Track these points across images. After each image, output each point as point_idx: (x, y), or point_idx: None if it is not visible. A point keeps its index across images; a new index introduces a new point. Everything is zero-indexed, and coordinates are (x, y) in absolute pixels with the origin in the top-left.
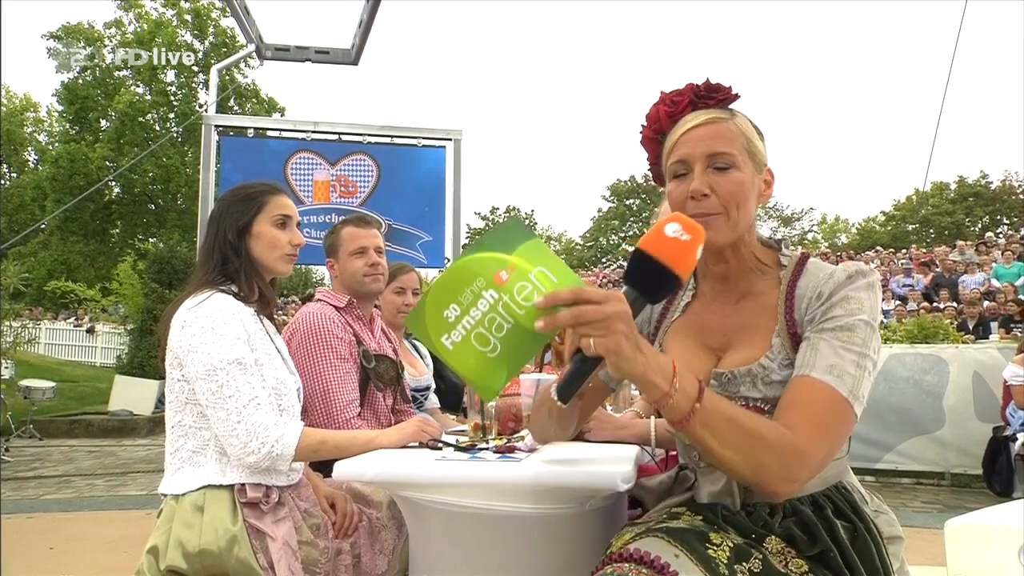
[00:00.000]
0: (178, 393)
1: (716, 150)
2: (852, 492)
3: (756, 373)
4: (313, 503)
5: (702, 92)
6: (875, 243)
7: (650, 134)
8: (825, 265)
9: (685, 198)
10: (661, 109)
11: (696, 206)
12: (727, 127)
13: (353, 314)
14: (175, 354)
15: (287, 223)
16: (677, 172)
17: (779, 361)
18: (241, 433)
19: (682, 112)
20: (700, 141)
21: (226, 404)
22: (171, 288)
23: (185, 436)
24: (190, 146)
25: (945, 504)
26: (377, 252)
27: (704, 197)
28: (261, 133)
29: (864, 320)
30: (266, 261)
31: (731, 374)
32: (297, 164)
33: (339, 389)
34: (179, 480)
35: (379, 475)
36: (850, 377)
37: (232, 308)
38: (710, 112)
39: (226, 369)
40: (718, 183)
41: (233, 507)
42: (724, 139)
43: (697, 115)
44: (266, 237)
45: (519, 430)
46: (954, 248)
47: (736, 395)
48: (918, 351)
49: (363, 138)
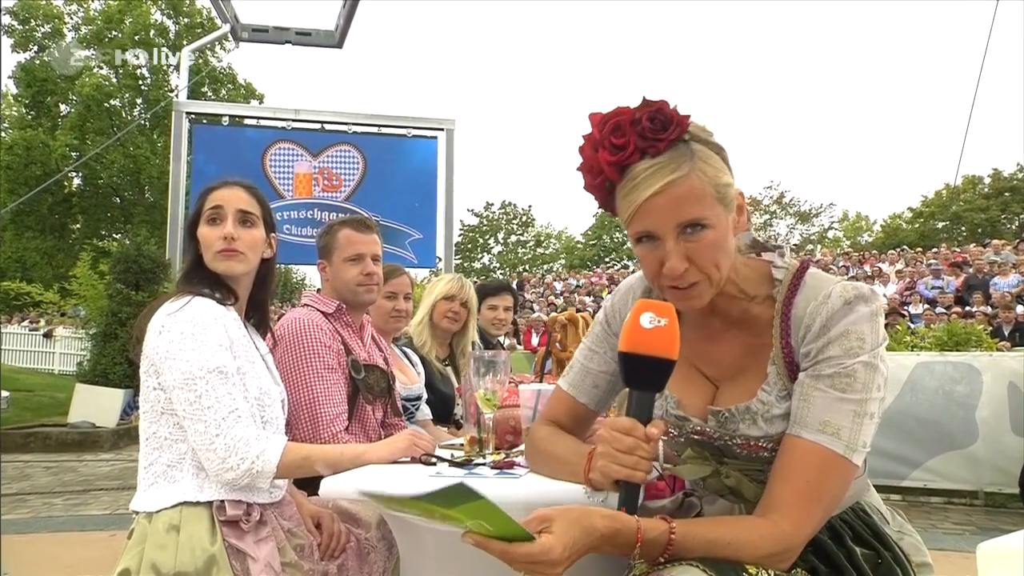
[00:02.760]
0: (153, 403)
1: (686, 219)
2: (872, 514)
3: (755, 410)
4: (297, 522)
5: (648, 134)
6: (901, 241)
7: (596, 183)
8: (824, 279)
9: (659, 269)
10: (603, 158)
11: (672, 281)
12: (690, 185)
13: (342, 321)
14: (151, 361)
15: (220, 216)
16: (641, 238)
17: (776, 393)
18: (219, 447)
19: (629, 159)
20: (664, 212)
21: (204, 416)
22: (138, 289)
23: (160, 449)
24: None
25: (978, 526)
26: (374, 260)
27: (683, 274)
28: (237, 121)
29: (864, 362)
30: (208, 263)
31: (728, 412)
32: (276, 155)
33: (326, 401)
34: (153, 496)
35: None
36: (847, 430)
37: (214, 313)
38: (666, 167)
39: (205, 378)
40: (693, 252)
41: (211, 526)
42: (691, 202)
43: (652, 173)
44: (201, 238)
45: (518, 444)
46: (987, 247)
47: (735, 433)
48: (948, 359)
49: (348, 127)
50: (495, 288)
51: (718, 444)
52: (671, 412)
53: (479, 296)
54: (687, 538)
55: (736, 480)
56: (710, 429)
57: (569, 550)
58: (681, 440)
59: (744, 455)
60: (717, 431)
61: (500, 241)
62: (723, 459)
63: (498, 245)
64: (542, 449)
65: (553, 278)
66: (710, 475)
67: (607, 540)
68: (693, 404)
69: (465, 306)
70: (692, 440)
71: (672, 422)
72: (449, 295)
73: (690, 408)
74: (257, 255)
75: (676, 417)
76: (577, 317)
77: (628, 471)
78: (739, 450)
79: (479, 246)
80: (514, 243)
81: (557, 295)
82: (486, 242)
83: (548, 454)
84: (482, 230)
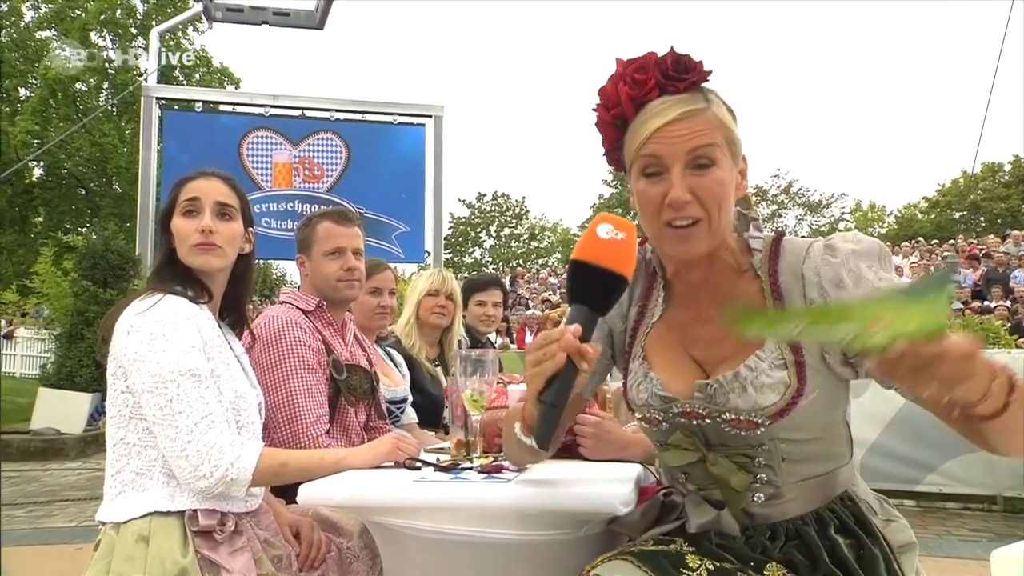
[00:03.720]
0: (121, 407)
1: (698, 144)
2: (859, 503)
3: (744, 376)
4: (275, 532)
5: (671, 73)
6: (916, 233)
7: (608, 119)
8: (802, 240)
9: (660, 204)
10: (622, 91)
11: (675, 214)
12: (706, 119)
13: (323, 319)
14: (119, 362)
15: (197, 208)
16: (648, 170)
17: (771, 361)
18: (191, 455)
19: (647, 95)
20: (678, 139)
21: (175, 421)
22: (106, 286)
23: (128, 456)
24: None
25: (996, 532)
26: (356, 255)
27: (685, 204)
28: (212, 107)
29: (875, 252)
30: (183, 258)
31: (717, 383)
32: (254, 144)
33: (306, 403)
34: (120, 506)
35: (350, 499)
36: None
37: (186, 312)
38: (685, 101)
39: (176, 381)
40: (699, 186)
41: (183, 537)
42: (704, 134)
43: (670, 105)
44: (176, 231)
45: None
46: (1007, 238)
47: (725, 407)
48: None
49: (330, 114)
50: (483, 283)
51: (706, 425)
52: (656, 394)
53: (467, 292)
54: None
55: (723, 468)
56: (698, 406)
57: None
58: (666, 425)
59: (735, 435)
60: (705, 407)
61: (492, 234)
62: (710, 446)
63: (490, 238)
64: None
65: (548, 273)
66: (695, 462)
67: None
68: (679, 385)
69: (451, 299)
70: (679, 424)
71: (657, 405)
72: (432, 290)
73: (676, 388)
74: (235, 250)
75: (661, 399)
76: None
77: (543, 363)
78: (728, 428)
79: (470, 239)
80: (507, 236)
81: (552, 290)
82: (477, 235)
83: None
84: (473, 223)
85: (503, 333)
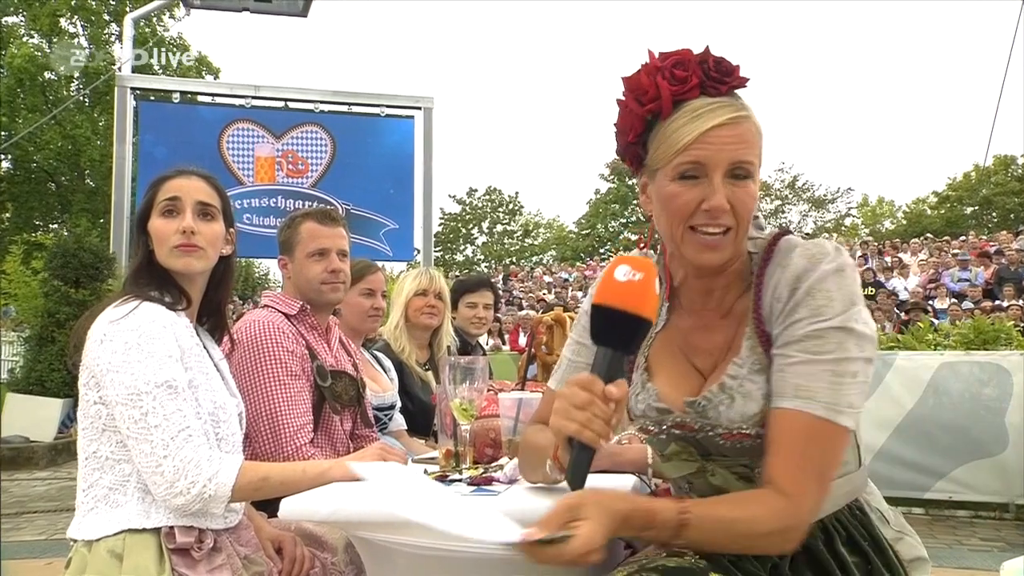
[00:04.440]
0: (93, 418)
1: (741, 159)
2: (869, 513)
3: (729, 387)
4: (256, 547)
5: (713, 73)
6: (925, 229)
7: (640, 112)
8: (794, 243)
9: (694, 209)
10: (663, 85)
11: (709, 220)
12: (750, 128)
13: (306, 323)
14: (91, 372)
15: (177, 208)
16: (685, 172)
17: (749, 366)
18: (167, 470)
19: (688, 93)
20: (725, 146)
21: (151, 435)
22: (78, 286)
23: (101, 470)
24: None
25: (1008, 542)
26: (340, 256)
27: (723, 213)
28: (190, 98)
29: (835, 325)
30: (162, 260)
31: (705, 399)
32: (235, 136)
33: (289, 412)
34: (93, 523)
35: (334, 514)
36: (824, 391)
37: (163, 320)
38: (730, 106)
39: (152, 393)
40: (736, 197)
41: (159, 554)
42: (748, 144)
43: (717, 109)
44: (154, 231)
45: (498, 457)
46: (1020, 235)
47: (716, 421)
48: (974, 359)
49: (315, 106)
50: (474, 284)
51: (700, 438)
52: (653, 405)
53: (457, 293)
54: (701, 519)
55: (723, 478)
56: (691, 420)
57: (605, 534)
58: (663, 436)
59: (728, 447)
60: (697, 421)
61: (484, 231)
62: (708, 456)
63: (482, 235)
64: (526, 444)
65: (543, 271)
66: (695, 472)
67: (626, 522)
68: (675, 396)
69: (440, 298)
70: (674, 435)
71: (653, 416)
72: (420, 290)
73: (671, 400)
74: (217, 251)
75: (657, 410)
76: (564, 317)
77: (578, 427)
78: (722, 441)
79: (461, 236)
80: (500, 233)
81: (547, 290)
82: (469, 232)
83: (530, 445)
84: (465, 219)
85: (495, 334)
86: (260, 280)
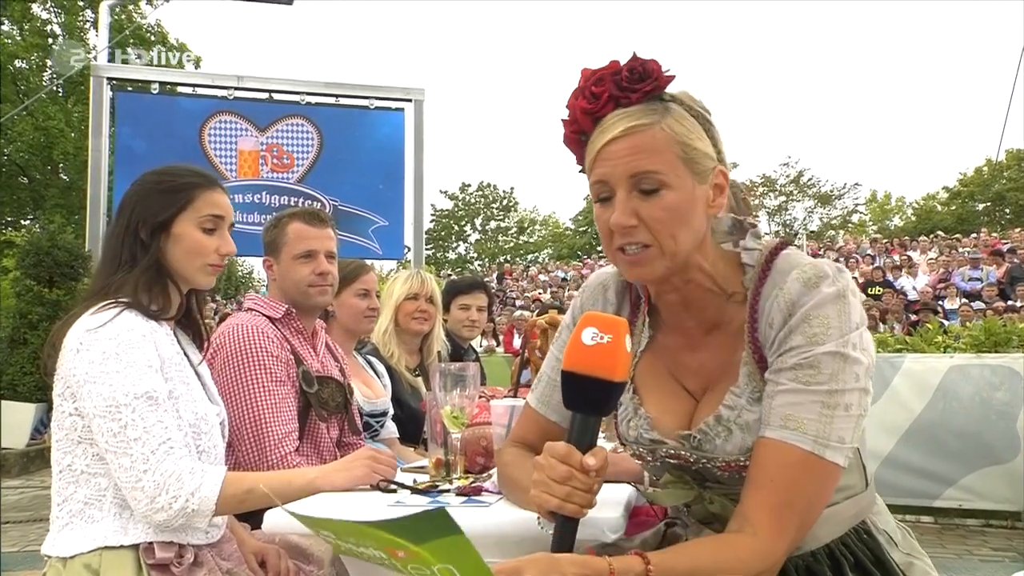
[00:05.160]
0: (69, 430)
1: (640, 169)
2: (877, 536)
3: (726, 419)
4: (238, 561)
5: (624, 84)
6: (935, 226)
7: (571, 135)
8: (793, 260)
9: (609, 229)
10: (579, 106)
11: (622, 240)
12: (652, 136)
13: (292, 327)
14: (67, 383)
15: (218, 227)
16: (600, 194)
17: (747, 395)
18: (148, 485)
19: (603, 109)
20: (620, 159)
21: (130, 449)
22: (52, 286)
23: (76, 483)
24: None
25: (1020, 552)
26: (328, 258)
27: (629, 229)
28: (169, 89)
29: (830, 351)
30: (183, 270)
31: (701, 432)
32: (217, 129)
33: (274, 419)
34: (68, 539)
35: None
36: (813, 423)
37: (142, 329)
38: (631, 116)
39: (131, 405)
40: (645, 210)
41: (137, 571)
42: (649, 154)
43: (615, 121)
44: (188, 241)
45: (489, 467)
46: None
47: (713, 454)
48: (985, 362)
49: (301, 97)
50: (467, 285)
51: (697, 468)
52: (644, 436)
53: (449, 295)
54: (666, 573)
55: (720, 506)
56: (686, 453)
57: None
58: (657, 465)
59: (727, 478)
60: (693, 454)
61: (478, 228)
62: (705, 483)
63: (475, 232)
64: (505, 475)
65: (538, 270)
66: (693, 501)
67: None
68: (668, 425)
69: (431, 302)
70: (669, 465)
71: (646, 445)
72: (412, 294)
73: (664, 430)
74: None
75: (650, 440)
76: (559, 320)
77: (559, 502)
78: (720, 472)
79: (454, 233)
80: (494, 230)
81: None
82: (462, 229)
83: (511, 480)
84: (457, 215)
85: (489, 335)
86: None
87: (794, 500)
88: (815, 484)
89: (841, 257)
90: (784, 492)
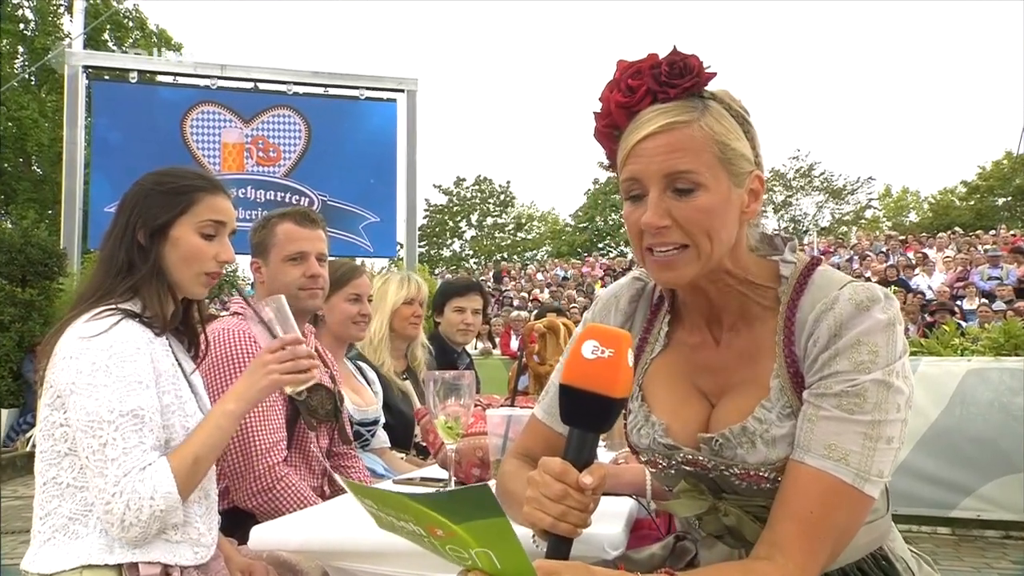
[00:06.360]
0: (57, 441)
1: (675, 169)
2: (894, 562)
3: (753, 430)
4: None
5: (663, 78)
6: (953, 222)
7: (602, 129)
8: (836, 278)
9: (640, 229)
10: (614, 99)
11: (653, 240)
12: (689, 135)
13: None
14: (56, 391)
15: (218, 232)
16: (631, 192)
17: (778, 411)
18: (116, 508)
19: (639, 103)
20: (654, 157)
21: (106, 469)
22: (25, 285)
23: (60, 497)
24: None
25: None
26: (319, 260)
27: (662, 230)
28: (149, 78)
29: (876, 380)
30: (178, 277)
31: (722, 438)
32: (199, 120)
33: (261, 427)
34: (49, 555)
35: (307, 542)
36: (856, 456)
37: (138, 340)
38: (669, 112)
39: (115, 423)
40: (679, 211)
41: None
42: (686, 152)
43: (652, 116)
44: (185, 246)
45: (485, 478)
46: None
47: (732, 461)
48: (1005, 365)
49: (288, 87)
50: (462, 287)
51: (713, 476)
52: (659, 441)
53: (443, 296)
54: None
55: (736, 518)
56: (703, 458)
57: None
58: (672, 472)
59: (744, 487)
60: (712, 460)
61: (473, 224)
62: (721, 494)
63: (471, 229)
64: (503, 487)
65: (536, 268)
66: (707, 512)
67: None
68: (684, 430)
69: (422, 305)
70: (684, 472)
71: (660, 452)
72: (409, 299)
73: (680, 435)
74: None
75: (664, 446)
76: (558, 324)
77: (552, 521)
78: (738, 481)
79: (448, 230)
80: (490, 226)
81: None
82: (456, 225)
83: (507, 494)
84: (452, 211)
85: (485, 337)
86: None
87: (828, 531)
88: (849, 516)
89: (854, 255)
90: (821, 522)
